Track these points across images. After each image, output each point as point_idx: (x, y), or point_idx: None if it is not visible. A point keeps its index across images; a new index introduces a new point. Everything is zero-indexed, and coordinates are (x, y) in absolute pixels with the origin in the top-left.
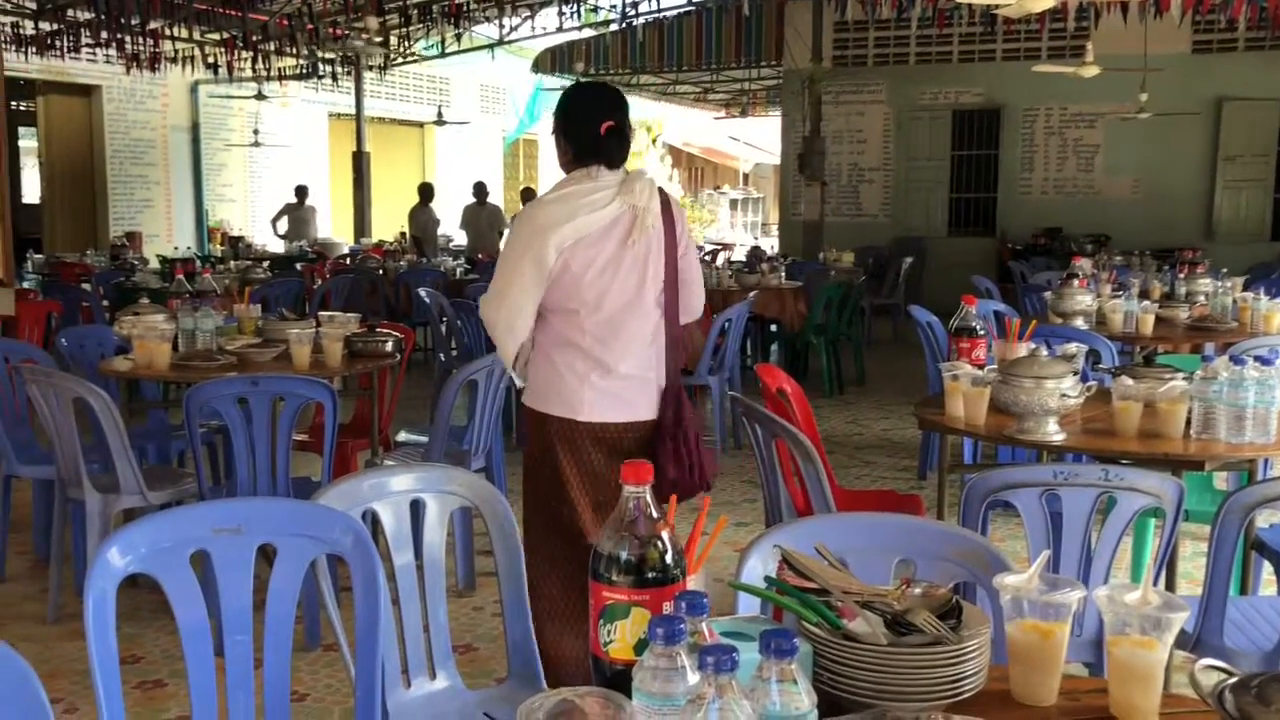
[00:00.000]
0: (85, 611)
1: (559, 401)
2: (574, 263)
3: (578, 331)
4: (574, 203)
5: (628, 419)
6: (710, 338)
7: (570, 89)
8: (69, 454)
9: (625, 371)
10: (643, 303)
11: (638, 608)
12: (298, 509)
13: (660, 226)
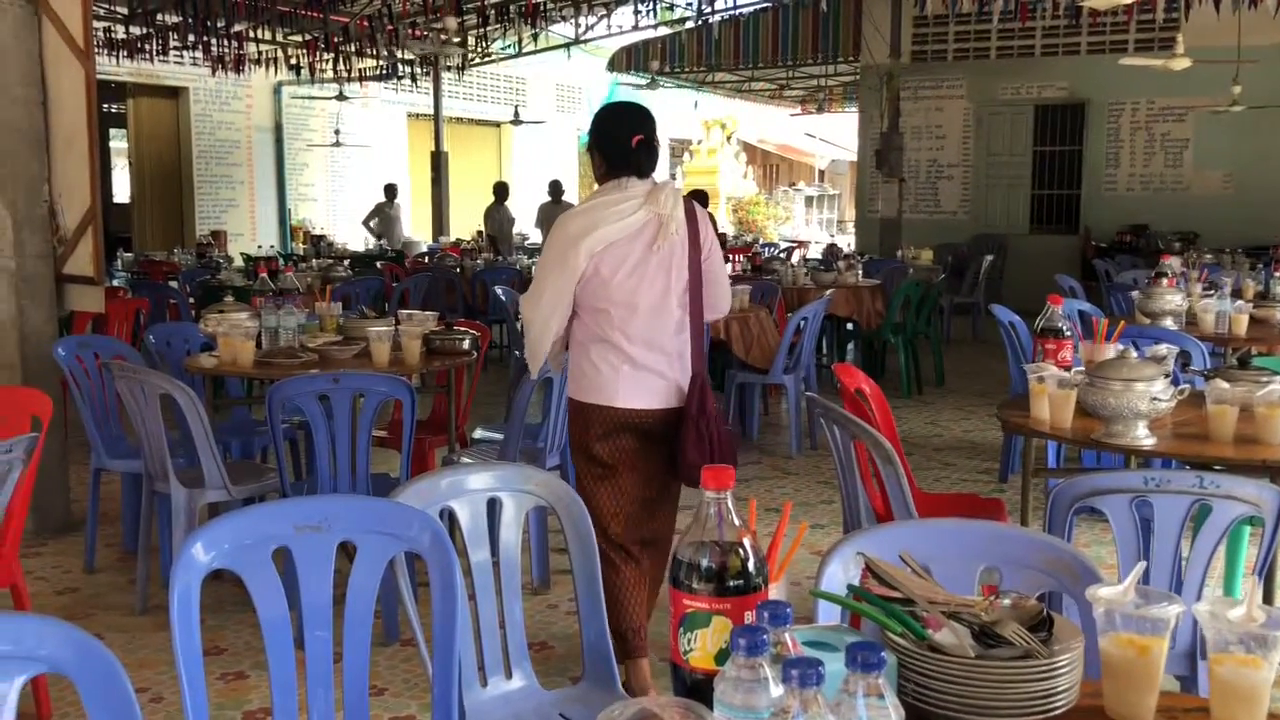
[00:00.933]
0: (170, 605)
1: (595, 391)
2: (604, 266)
3: (609, 328)
4: (601, 212)
5: (657, 406)
6: (786, 336)
7: (603, 108)
8: (156, 449)
9: (653, 364)
10: (668, 302)
11: (719, 616)
12: (377, 507)
13: (684, 232)
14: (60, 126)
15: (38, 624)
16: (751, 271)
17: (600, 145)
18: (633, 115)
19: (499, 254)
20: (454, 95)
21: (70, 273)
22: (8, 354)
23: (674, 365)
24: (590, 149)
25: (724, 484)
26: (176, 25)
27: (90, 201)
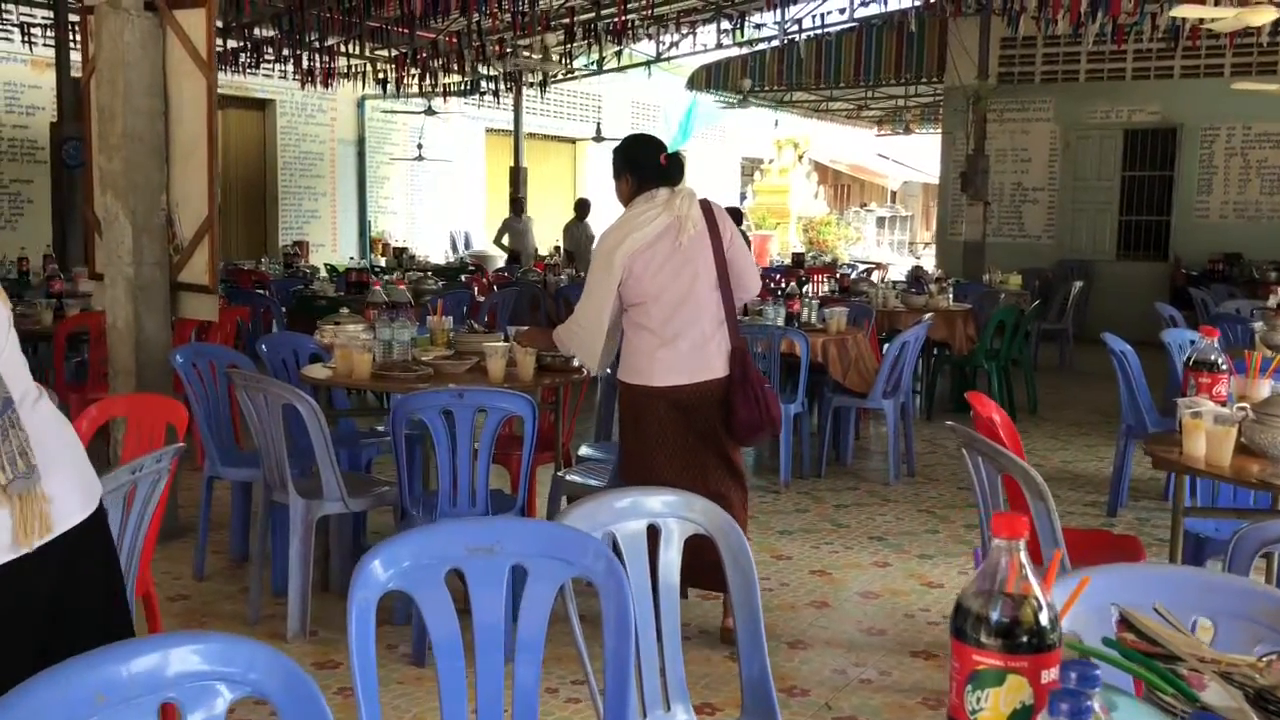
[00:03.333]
0: (349, 619)
1: (636, 373)
2: (636, 268)
3: (646, 317)
4: (629, 225)
5: (693, 380)
6: (887, 360)
7: (626, 140)
8: (276, 459)
9: (687, 345)
10: (697, 289)
11: (1014, 675)
12: (550, 531)
13: (703, 228)
14: (180, 136)
15: (250, 648)
16: (839, 293)
17: (632, 168)
18: (654, 140)
19: (577, 270)
20: (531, 111)
21: (185, 281)
22: (123, 360)
23: (709, 343)
24: (618, 175)
25: (1017, 532)
26: (271, 39)
27: (207, 211)
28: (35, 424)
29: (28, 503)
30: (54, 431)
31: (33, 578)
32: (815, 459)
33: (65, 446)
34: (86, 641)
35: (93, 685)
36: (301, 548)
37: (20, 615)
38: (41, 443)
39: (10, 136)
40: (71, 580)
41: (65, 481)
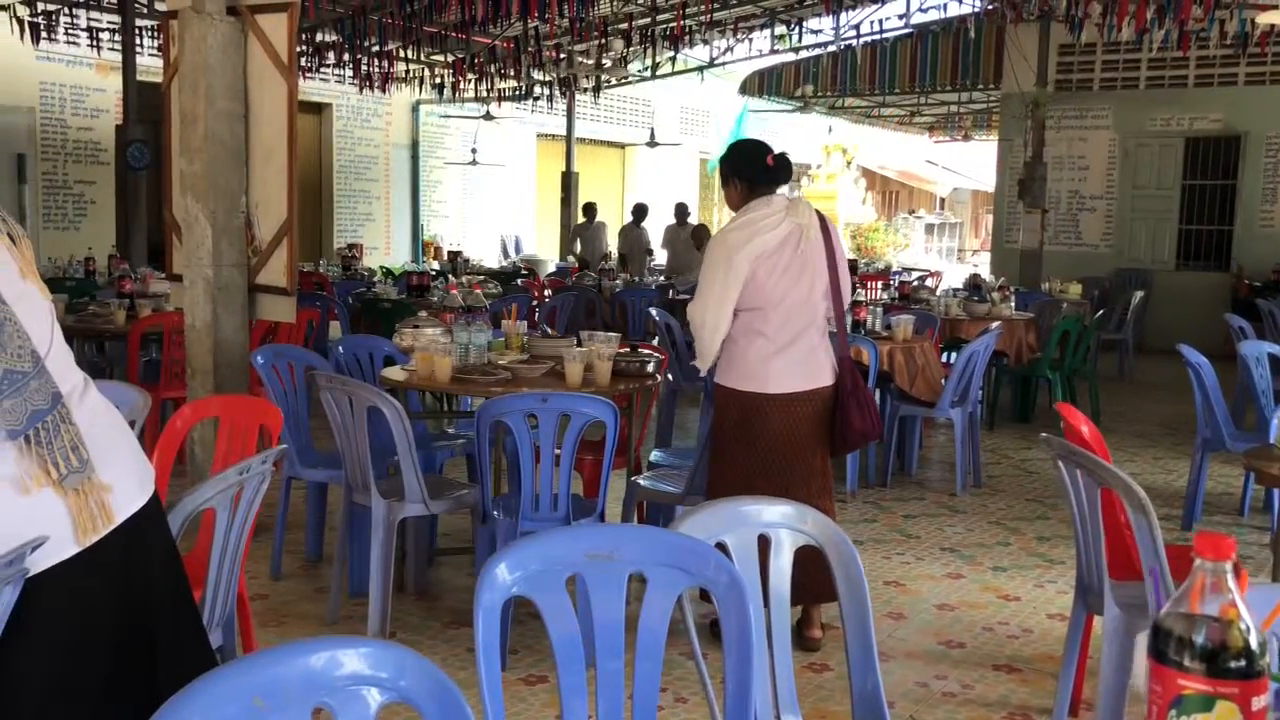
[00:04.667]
0: (475, 622)
1: (747, 379)
2: (760, 271)
3: (764, 323)
4: (755, 225)
5: (805, 388)
6: (955, 369)
7: (733, 146)
8: (359, 461)
9: (800, 353)
10: (812, 296)
11: (1224, 702)
12: (670, 540)
13: (819, 237)
14: (260, 140)
15: (400, 654)
16: (899, 300)
17: (741, 172)
18: (759, 143)
19: (630, 273)
20: (581, 116)
21: (263, 283)
22: (202, 360)
23: (818, 351)
24: (726, 178)
25: (1223, 553)
26: (331, 43)
27: (286, 214)
28: (85, 414)
29: (84, 495)
30: (105, 420)
31: (100, 567)
32: (881, 468)
33: (118, 434)
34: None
35: (251, 689)
36: (383, 549)
37: (92, 606)
38: (93, 432)
39: (76, 139)
40: (139, 566)
41: (121, 468)
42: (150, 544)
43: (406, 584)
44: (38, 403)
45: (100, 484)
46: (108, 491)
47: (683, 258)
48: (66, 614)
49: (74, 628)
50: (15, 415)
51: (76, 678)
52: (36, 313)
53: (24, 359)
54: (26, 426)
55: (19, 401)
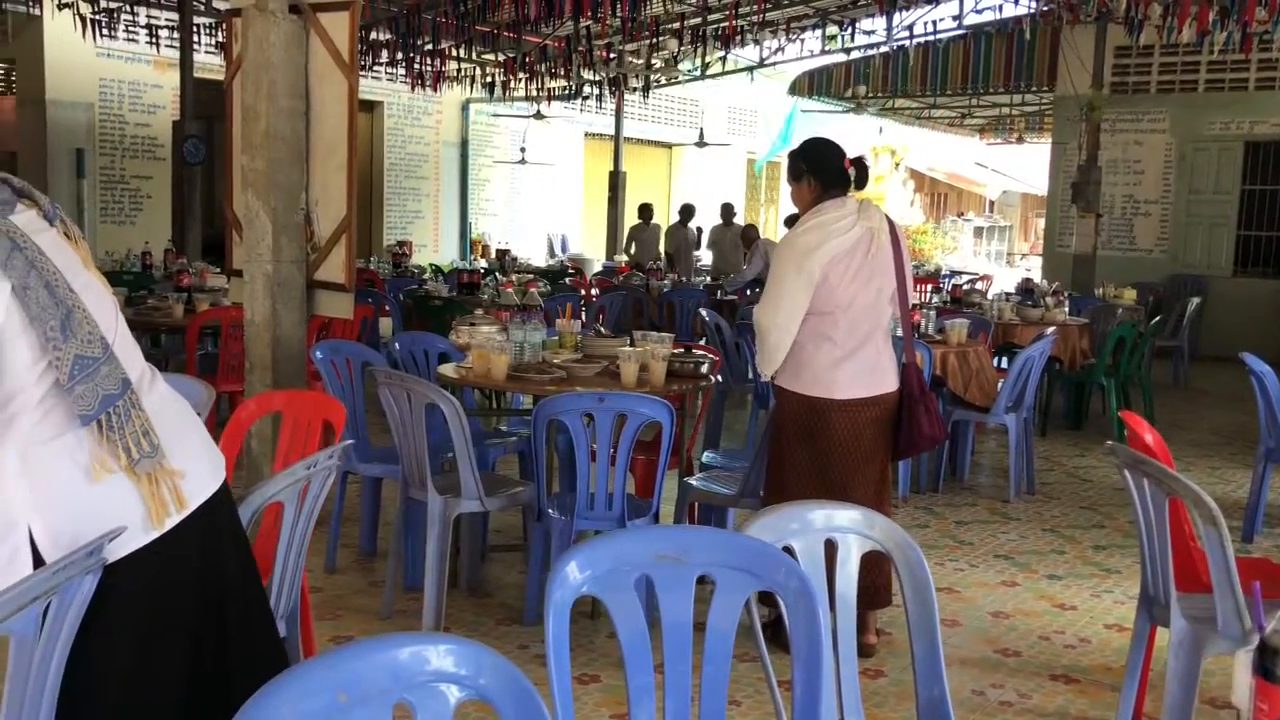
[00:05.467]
0: (546, 620)
1: (813, 383)
2: (831, 275)
3: (832, 327)
4: (827, 229)
5: (870, 393)
6: (1011, 374)
7: (808, 143)
8: (417, 456)
9: (867, 357)
10: (880, 302)
11: None
12: (740, 543)
13: (888, 242)
14: (321, 137)
15: (480, 651)
16: (951, 303)
17: (816, 172)
18: (835, 145)
19: (677, 274)
20: (629, 116)
21: (321, 279)
22: (260, 354)
23: (883, 357)
24: (799, 177)
25: None
26: (384, 42)
27: (346, 211)
28: (154, 403)
29: (157, 479)
30: (175, 408)
31: (173, 554)
32: (933, 474)
33: (187, 422)
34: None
35: (335, 683)
36: (439, 545)
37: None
38: (163, 420)
39: (133, 134)
40: (211, 553)
41: (193, 455)
42: (221, 531)
43: (459, 580)
44: (108, 388)
45: (172, 470)
46: (180, 477)
47: (729, 258)
48: (141, 601)
49: (149, 614)
50: (87, 400)
51: (152, 662)
52: (102, 304)
53: (94, 345)
54: (98, 411)
55: (90, 387)
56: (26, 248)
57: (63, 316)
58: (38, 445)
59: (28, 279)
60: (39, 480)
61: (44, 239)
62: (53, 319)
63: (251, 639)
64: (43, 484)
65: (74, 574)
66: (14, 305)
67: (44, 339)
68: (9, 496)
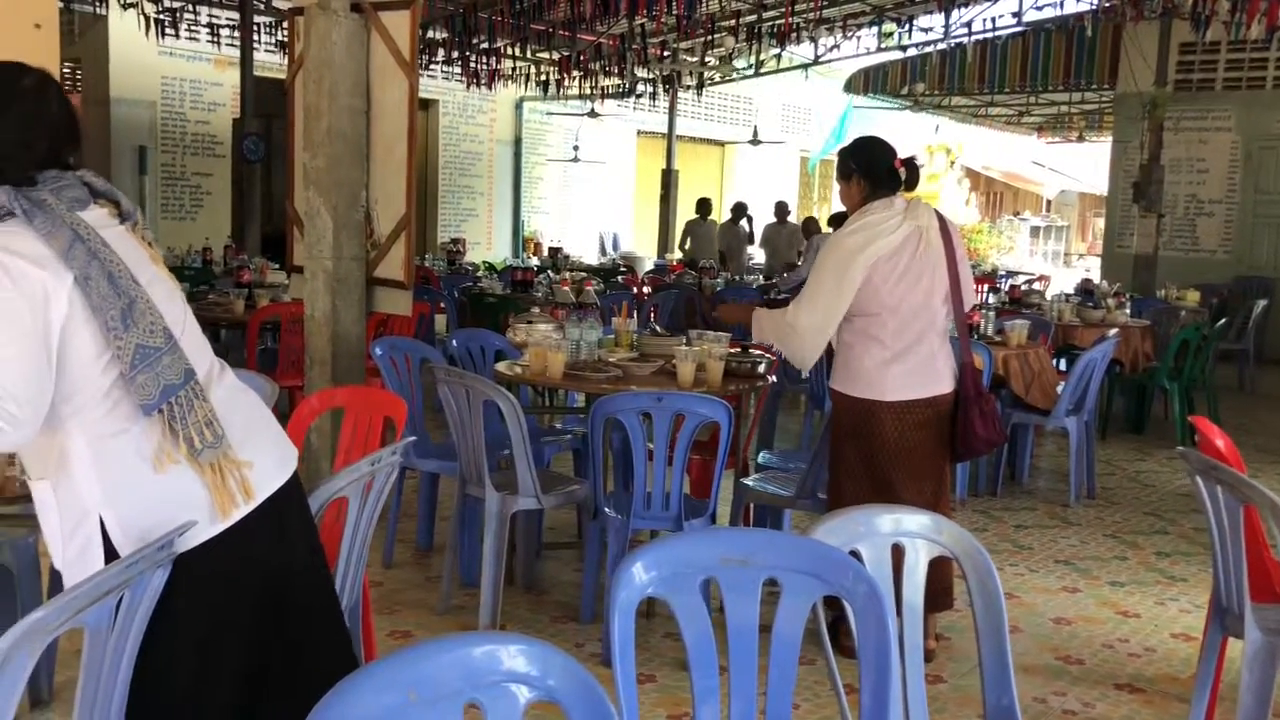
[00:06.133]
0: (610, 620)
1: (864, 386)
2: (875, 276)
3: (880, 329)
4: (872, 230)
5: (924, 395)
6: (1073, 377)
7: (858, 142)
8: (475, 453)
9: (917, 359)
10: (932, 302)
11: None
12: (807, 547)
13: (939, 241)
14: (381, 135)
15: (549, 652)
16: (1009, 304)
17: (866, 172)
18: (887, 144)
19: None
20: (682, 114)
21: (381, 276)
22: (320, 350)
23: (937, 358)
24: (848, 177)
25: None
26: (441, 41)
27: (405, 209)
28: (222, 395)
29: (222, 470)
30: (245, 400)
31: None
32: (991, 477)
33: (257, 414)
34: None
35: (407, 682)
36: (496, 542)
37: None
38: (232, 411)
39: (194, 132)
40: (280, 544)
41: (261, 446)
42: (290, 523)
43: (515, 577)
44: (170, 378)
45: (239, 460)
46: (248, 468)
47: (783, 256)
48: (208, 592)
49: (215, 605)
50: (148, 390)
51: (216, 652)
52: (169, 297)
53: (156, 335)
54: (159, 400)
55: (151, 376)
56: (89, 239)
57: (124, 306)
58: (106, 438)
59: (89, 269)
60: (107, 472)
61: (110, 233)
62: (113, 309)
63: (319, 632)
64: (111, 476)
65: (145, 568)
66: (77, 296)
67: (105, 329)
68: (81, 488)
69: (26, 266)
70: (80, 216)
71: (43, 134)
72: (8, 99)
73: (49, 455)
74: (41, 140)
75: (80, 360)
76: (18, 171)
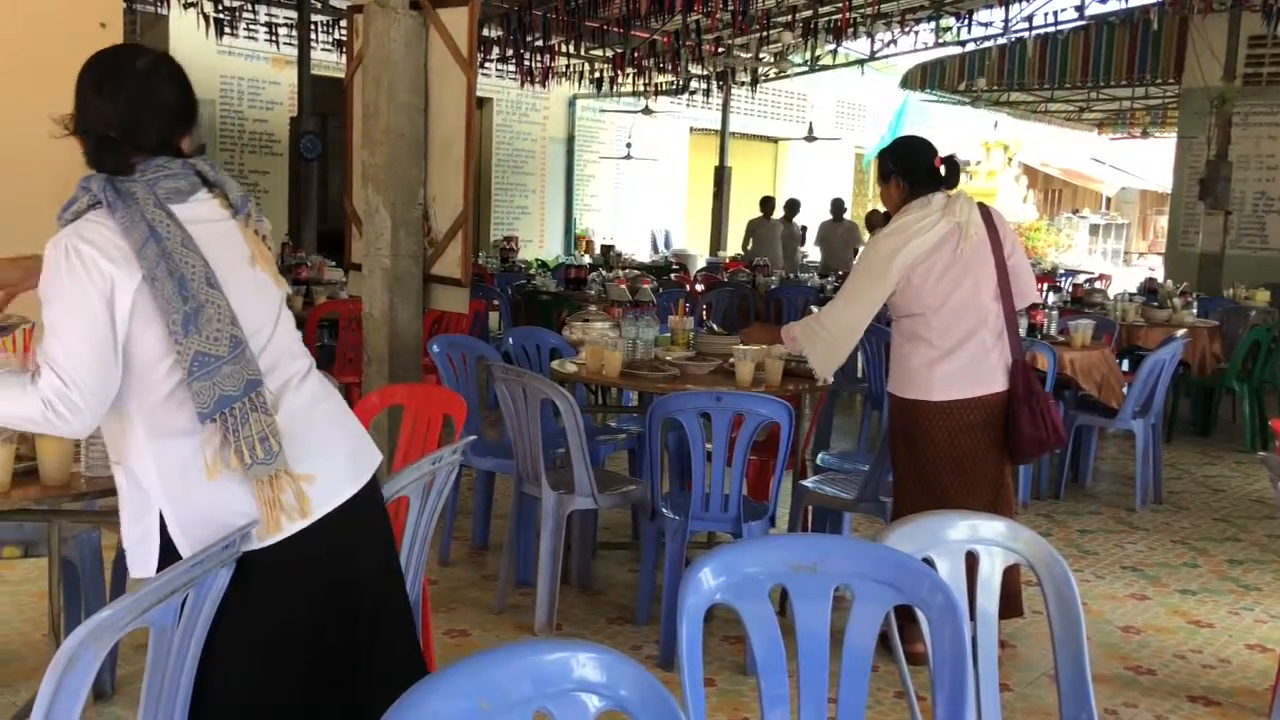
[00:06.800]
0: (679, 625)
1: (912, 386)
2: (914, 276)
3: (925, 328)
4: (908, 231)
5: (972, 395)
6: (1140, 378)
7: (897, 142)
8: (531, 452)
9: (966, 358)
10: (979, 298)
11: None
12: (879, 554)
13: (984, 235)
14: (439, 133)
15: (620, 661)
16: (1072, 303)
17: (905, 172)
18: (926, 143)
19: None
20: (735, 110)
21: (438, 273)
22: (378, 347)
23: (989, 355)
24: (887, 178)
25: None
26: (496, 38)
27: (463, 206)
28: (299, 404)
29: (273, 487)
30: (324, 408)
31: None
32: (1054, 480)
33: (334, 423)
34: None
35: (479, 689)
36: (552, 541)
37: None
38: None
39: (251, 130)
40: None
41: (334, 458)
42: (360, 530)
43: (570, 576)
44: (227, 388)
45: (297, 475)
46: (308, 482)
47: (839, 254)
48: (265, 597)
49: (274, 610)
50: (203, 398)
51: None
52: (259, 300)
53: (220, 344)
54: (213, 410)
55: (208, 385)
56: (167, 238)
57: (189, 311)
58: (166, 437)
59: (157, 269)
60: (167, 471)
61: (208, 229)
62: (177, 313)
63: (388, 637)
64: (170, 475)
65: (210, 567)
66: (143, 295)
67: (169, 331)
68: (143, 481)
69: (100, 259)
70: (171, 211)
71: (150, 120)
72: (117, 82)
73: (120, 442)
74: (148, 126)
75: (145, 360)
76: (115, 160)
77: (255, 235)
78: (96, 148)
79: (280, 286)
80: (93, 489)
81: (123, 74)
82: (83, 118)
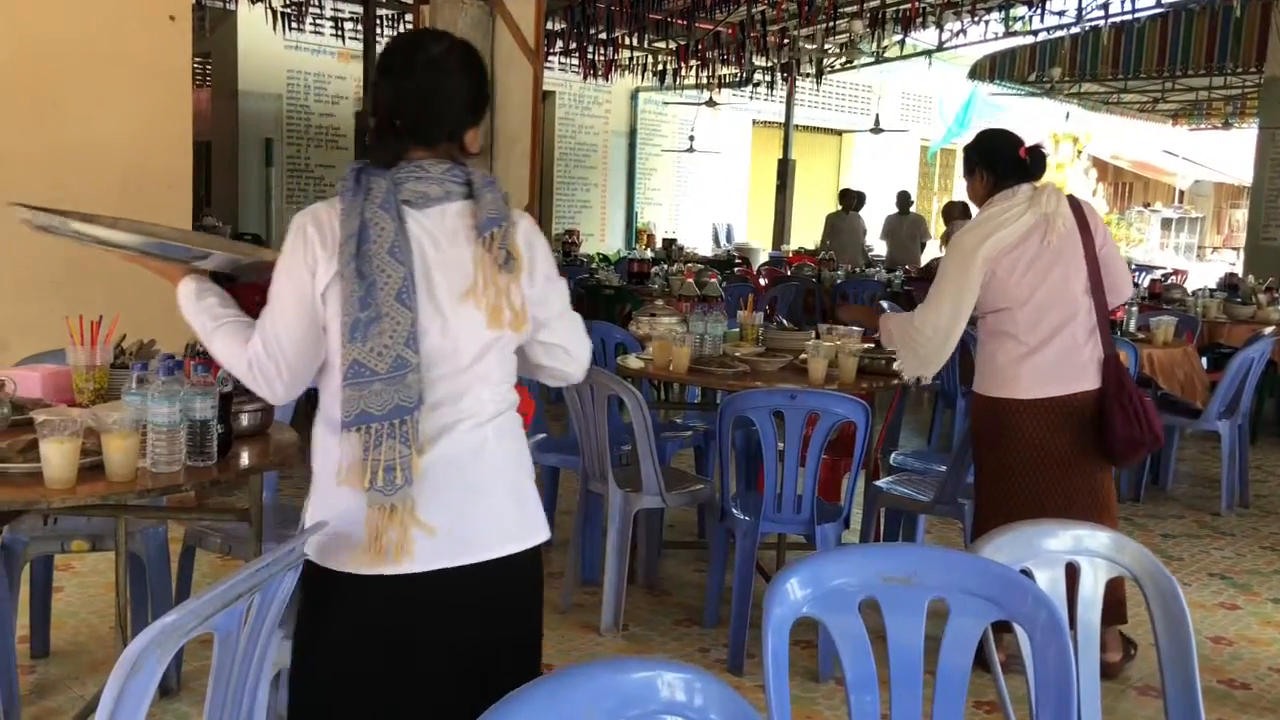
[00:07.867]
0: (765, 637)
1: (999, 384)
2: (999, 270)
3: (1011, 324)
4: (991, 224)
5: (1063, 392)
6: (1227, 377)
7: (982, 134)
8: (598, 449)
9: (1056, 353)
10: (1068, 292)
11: None
12: (977, 566)
13: (1073, 226)
14: (505, 125)
15: (707, 681)
16: (1149, 299)
17: (988, 165)
18: (1009, 134)
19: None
20: (799, 103)
21: None
22: None
23: (1081, 351)
24: (971, 172)
25: None
26: (561, 31)
27: (529, 198)
28: (458, 449)
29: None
30: (487, 464)
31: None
32: (1134, 482)
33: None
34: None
35: (560, 712)
36: (619, 540)
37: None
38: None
39: (317, 124)
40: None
41: (471, 521)
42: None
43: (636, 576)
44: (371, 405)
45: (417, 518)
46: (426, 532)
47: (906, 248)
48: (343, 620)
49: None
50: (348, 407)
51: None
52: (458, 330)
53: (382, 360)
54: (353, 422)
55: (355, 396)
56: (375, 240)
57: (361, 319)
58: (326, 425)
59: (347, 268)
60: (318, 457)
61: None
62: (349, 316)
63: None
64: (317, 462)
65: (275, 571)
66: (334, 289)
67: (340, 329)
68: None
69: (316, 241)
70: (404, 214)
71: (436, 111)
72: (407, 70)
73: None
74: (434, 117)
75: (332, 346)
76: (382, 150)
77: (491, 262)
78: (373, 135)
79: (494, 328)
80: (157, 485)
81: (413, 61)
82: (371, 103)
